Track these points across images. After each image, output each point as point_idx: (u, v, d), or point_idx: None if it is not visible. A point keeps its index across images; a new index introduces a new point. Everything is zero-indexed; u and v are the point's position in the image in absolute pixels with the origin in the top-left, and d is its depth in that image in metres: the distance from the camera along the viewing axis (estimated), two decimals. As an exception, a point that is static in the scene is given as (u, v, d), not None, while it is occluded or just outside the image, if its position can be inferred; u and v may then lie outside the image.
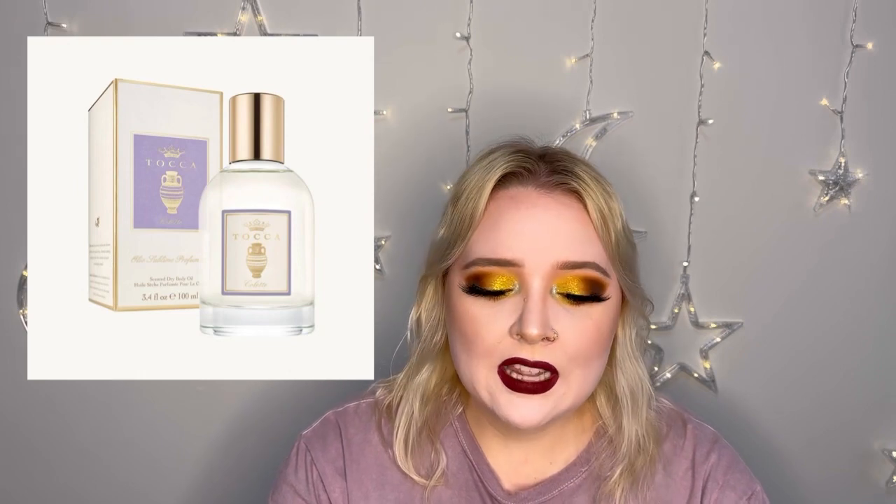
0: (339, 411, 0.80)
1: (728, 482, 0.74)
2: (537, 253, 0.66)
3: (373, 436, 0.77)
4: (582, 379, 0.69)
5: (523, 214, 0.67)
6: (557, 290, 0.67)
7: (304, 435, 0.79)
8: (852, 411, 1.06)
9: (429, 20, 0.99)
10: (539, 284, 0.66)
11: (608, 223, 0.68)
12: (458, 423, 0.77)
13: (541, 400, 0.67)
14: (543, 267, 0.66)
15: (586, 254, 0.67)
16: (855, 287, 1.04)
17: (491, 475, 0.75)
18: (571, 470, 0.75)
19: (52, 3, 0.99)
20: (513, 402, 0.67)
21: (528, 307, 0.65)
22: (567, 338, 0.67)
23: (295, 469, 0.77)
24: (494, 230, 0.68)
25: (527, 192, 0.68)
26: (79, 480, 1.08)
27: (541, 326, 0.65)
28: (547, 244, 0.66)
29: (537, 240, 0.66)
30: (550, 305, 0.67)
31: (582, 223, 0.68)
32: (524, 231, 0.67)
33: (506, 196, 0.69)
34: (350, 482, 0.76)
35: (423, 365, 0.76)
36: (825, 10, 0.99)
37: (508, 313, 0.67)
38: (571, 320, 0.67)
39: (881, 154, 1.01)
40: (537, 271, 0.66)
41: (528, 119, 1.00)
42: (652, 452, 0.74)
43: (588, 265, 0.67)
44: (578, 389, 0.69)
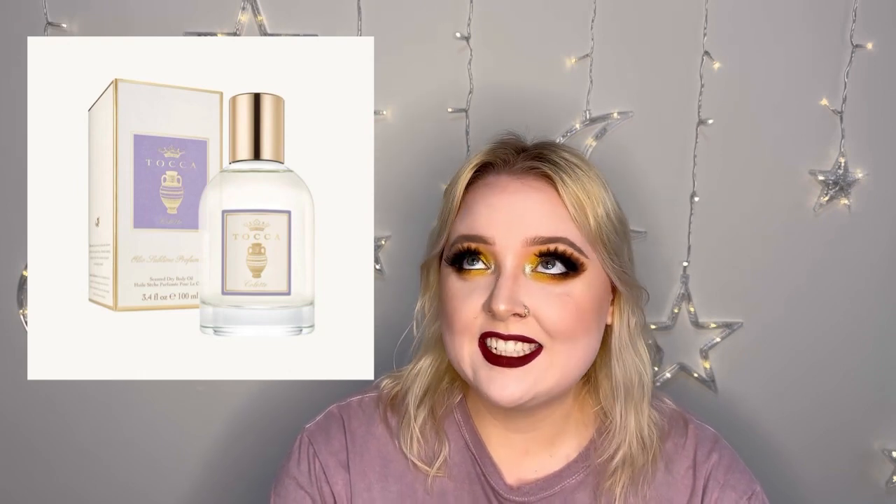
0: (342, 405, 0.80)
1: (728, 482, 0.75)
2: (507, 230, 0.68)
3: (376, 428, 0.78)
4: (567, 356, 0.69)
5: (495, 197, 0.70)
6: (531, 268, 0.69)
7: (307, 428, 0.79)
8: (852, 411, 1.06)
9: (429, 20, 0.99)
10: (510, 262, 0.68)
11: (584, 206, 0.69)
12: (461, 415, 0.77)
13: (520, 374, 0.68)
14: (514, 244, 0.68)
15: (557, 230, 0.68)
16: (855, 287, 1.04)
17: (493, 469, 0.75)
18: (573, 466, 0.75)
19: (52, 3, 0.99)
20: (493, 378, 0.68)
21: (497, 283, 0.67)
22: (544, 314, 0.68)
23: (297, 462, 0.77)
24: (470, 213, 0.71)
25: (500, 179, 0.72)
26: (79, 480, 1.08)
27: (508, 301, 0.66)
28: (516, 223, 0.68)
29: (508, 219, 0.69)
30: (524, 283, 0.68)
31: (553, 204, 0.69)
32: (496, 211, 0.69)
33: (481, 183, 0.72)
34: (353, 474, 0.76)
35: (426, 352, 0.78)
36: (825, 10, 0.99)
37: (482, 290, 0.69)
38: (547, 297, 0.68)
39: (881, 154, 1.01)
40: (508, 248, 0.68)
41: (528, 119, 0.99)
42: (654, 450, 0.74)
43: (559, 240, 0.68)
44: (563, 367, 0.69)
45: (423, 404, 0.76)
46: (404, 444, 0.76)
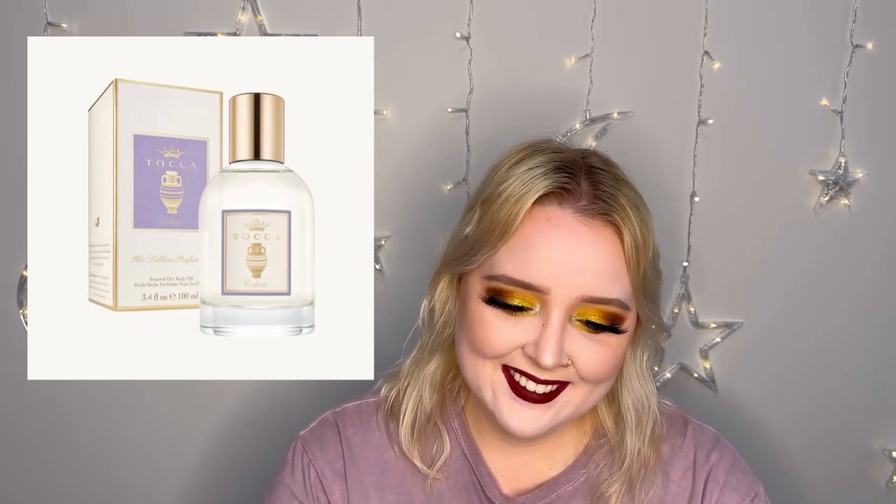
0: (337, 411, 0.79)
1: (730, 482, 0.74)
2: (565, 284, 0.64)
3: (372, 436, 0.77)
4: (588, 393, 0.69)
5: (558, 242, 0.64)
6: (577, 317, 0.66)
7: (301, 436, 0.78)
8: (852, 411, 1.06)
9: (429, 20, 0.99)
10: (560, 314, 0.65)
11: (640, 256, 0.66)
12: (458, 424, 0.76)
13: (542, 410, 0.67)
14: (568, 298, 0.64)
15: (613, 291, 0.65)
16: (855, 287, 1.04)
17: (490, 479, 0.74)
18: (570, 473, 0.75)
19: (52, 3, 0.99)
20: (514, 410, 0.67)
21: (545, 335, 0.64)
22: (581, 362, 0.66)
23: (292, 471, 0.76)
24: (525, 251, 0.65)
25: (565, 217, 0.65)
26: (79, 480, 1.08)
27: (556, 356, 0.64)
28: (576, 277, 0.64)
29: (567, 270, 0.64)
30: (567, 331, 0.66)
31: (614, 258, 0.65)
32: (556, 260, 0.64)
33: (542, 216, 0.65)
34: (350, 483, 0.75)
35: (433, 355, 0.75)
36: (825, 10, 0.99)
37: (524, 330, 0.66)
38: (587, 346, 0.66)
39: (881, 154, 1.02)
40: (561, 301, 0.64)
41: (527, 119, 1.00)
42: (651, 461, 0.73)
43: (612, 302, 0.65)
44: (583, 401, 0.69)
45: (429, 404, 0.75)
46: (405, 441, 0.74)
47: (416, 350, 0.77)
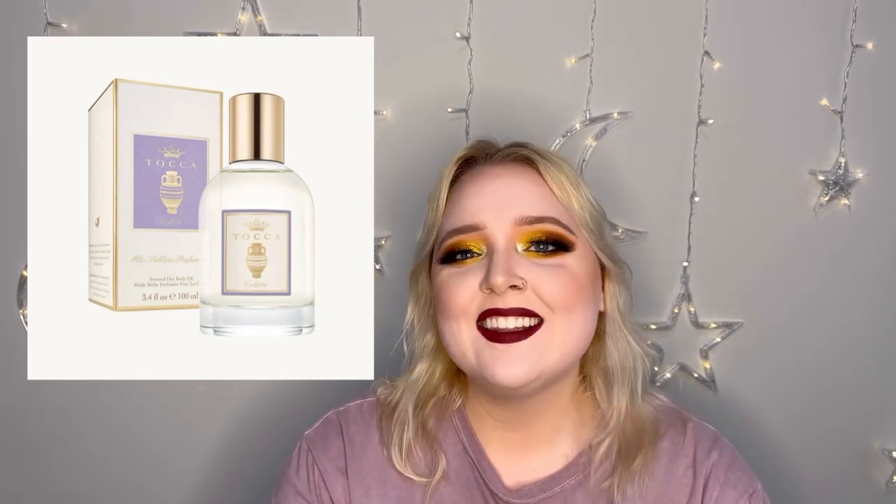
0: (340, 410, 0.80)
1: (729, 480, 0.75)
2: (497, 212, 0.70)
3: (374, 434, 0.78)
4: (566, 329, 0.69)
5: (482, 184, 0.72)
6: (522, 247, 0.70)
7: (306, 435, 0.79)
8: (852, 411, 1.06)
9: (429, 20, 0.99)
10: (502, 241, 0.69)
11: (568, 190, 0.72)
12: (458, 419, 0.77)
13: (524, 351, 0.68)
14: (504, 225, 0.70)
15: (544, 210, 0.71)
16: (855, 287, 1.04)
17: (492, 472, 0.75)
18: (572, 467, 0.75)
19: (52, 3, 0.99)
20: (497, 359, 0.68)
21: (492, 260, 0.69)
22: (541, 286, 0.69)
23: (297, 469, 0.78)
24: (457, 205, 0.73)
25: (484, 168, 0.74)
26: (79, 480, 1.08)
27: (505, 273, 0.67)
28: (505, 206, 0.70)
29: (495, 203, 0.71)
30: (517, 260, 0.69)
31: (539, 186, 0.72)
32: (483, 196, 0.71)
33: (466, 177, 0.75)
34: (352, 480, 0.76)
35: (416, 365, 0.78)
36: (825, 10, 0.99)
37: (477, 272, 0.70)
38: (542, 270, 0.69)
39: (881, 154, 1.01)
40: (499, 230, 0.70)
41: (528, 119, 1.00)
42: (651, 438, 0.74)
43: (547, 219, 0.70)
44: (564, 340, 0.69)
45: (417, 418, 0.76)
46: (396, 459, 0.75)
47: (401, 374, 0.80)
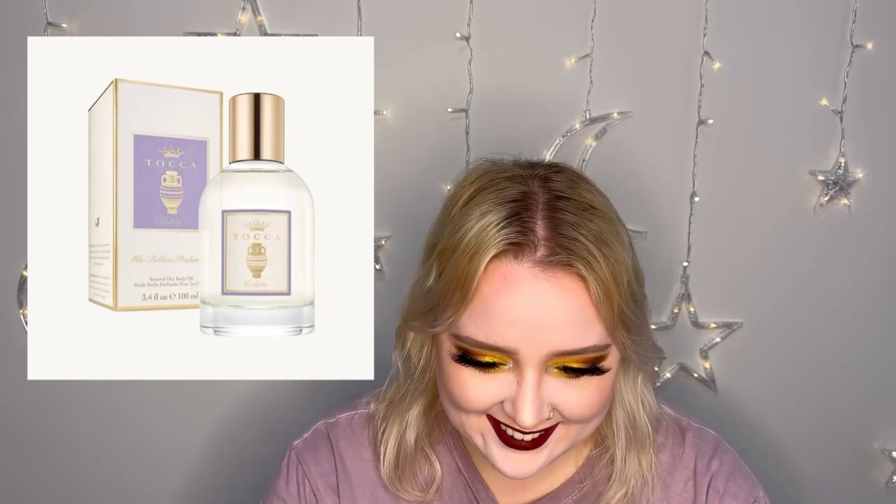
0: (330, 423, 0.78)
1: (729, 490, 0.73)
2: (532, 343, 0.61)
3: (365, 451, 0.76)
4: (580, 430, 0.67)
5: (517, 302, 0.60)
6: (554, 366, 0.63)
7: (294, 446, 0.78)
8: (852, 411, 1.06)
9: (429, 20, 0.99)
10: (534, 372, 0.62)
11: (611, 297, 0.61)
12: (452, 439, 0.76)
13: (535, 452, 0.66)
14: (539, 356, 0.61)
15: (585, 340, 0.61)
16: (855, 287, 1.04)
17: (486, 493, 0.74)
18: (569, 487, 0.74)
19: (52, 3, 0.99)
20: (506, 457, 0.65)
21: (521, 393, 0.62)
22: (567, 408, 0.64)
23: (286, 482, 0.76)
24: (486, 314, 0.61)
25: (522, 273, 0.61)
26: (79, 480, 1.08)
27: (535, 415, 0.62)
28: (542, 335, 0.61)
29: (532, 330, 0.60)
30: (546, 382, 0.63)
31: (581, 307, 0.61)
32: (518, 321, 0.60)
33: (498, 274, 0.61)
34: (342, 497, 0.75)
35: (415, 401, 0.73)
36: (825, 10, 0.99)
37: (500, 386, 0.63)
38: (570, 392, 0.63)
39: (881, 154, 1.01)
40: (532, 359, 0.61)
41: (528, 119, 1.00)
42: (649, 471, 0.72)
43: (587, 350, 0.62)
44: (576, 436, 0.67)
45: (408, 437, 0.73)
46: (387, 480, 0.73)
47: (394, 390, 0.75)
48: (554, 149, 1.00)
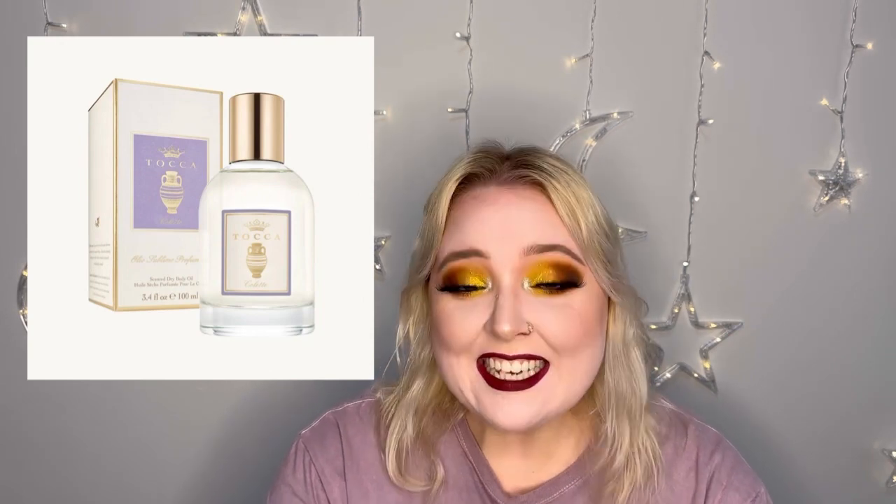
0: (338, 411, 0.80)
1: (732, 483, 0.74)
2: (502, 242, 0.66)
3: (372, 437, 0.77)
4: (572, 370, 0.67)
5: (486, 210, 0.68)
6: (530, 282, 0.66)
7: (302, 434, 0.79)
8: (852, 411, 1.06)
9: (429, 20, 0.99)
10: (509, 278, 0.66)
11: (576, 212, 0.67)
12: (459, 426, 0.77)
13: (527, 398, 0.66)
14: (511, 257, 0.66)
15: (553, 237, 0.66)
16: (855, 287, 1.04)
17: (491, 478, 0.75)
18: (572, 472, 0.75)
19: (52, 3, 0.99)
20: (497, 403, 0.66)
21: (498, 303, 0.65)
22: (548, 329, 0.66)
23: (293, 469, 0.77)
24: (459, 228, 0.68)
25: (488, 191, 0.69)
26: (79, 480, 1.08)
27: (512, 321, 0.64)
28: (511, 232, 0.66)
29: (501, 230, 0.66)
30: (525, 299, 0.66)
31: (547, 212, 0.67)
32: (487, 223, 0.67)
33: (469, 197, 0.70)
34: (349, 482, 0.76)
35: (414, 379, 0.75)
36: (825, 10, 0.99)
37: (482, 309, 0.67)
38: (550, 311, 0.66)
39: (881, 154, 1.01)
40: (505, 263, 0.66)
41: (528, 119, 1.00)
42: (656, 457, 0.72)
43: (556, 248, 0.66)
44: (570, 382, 0.68)
45: (415, 430, 0.74)
46: (392, 471, 0.74)
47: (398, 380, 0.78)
48: (554, 149, 1.00)
